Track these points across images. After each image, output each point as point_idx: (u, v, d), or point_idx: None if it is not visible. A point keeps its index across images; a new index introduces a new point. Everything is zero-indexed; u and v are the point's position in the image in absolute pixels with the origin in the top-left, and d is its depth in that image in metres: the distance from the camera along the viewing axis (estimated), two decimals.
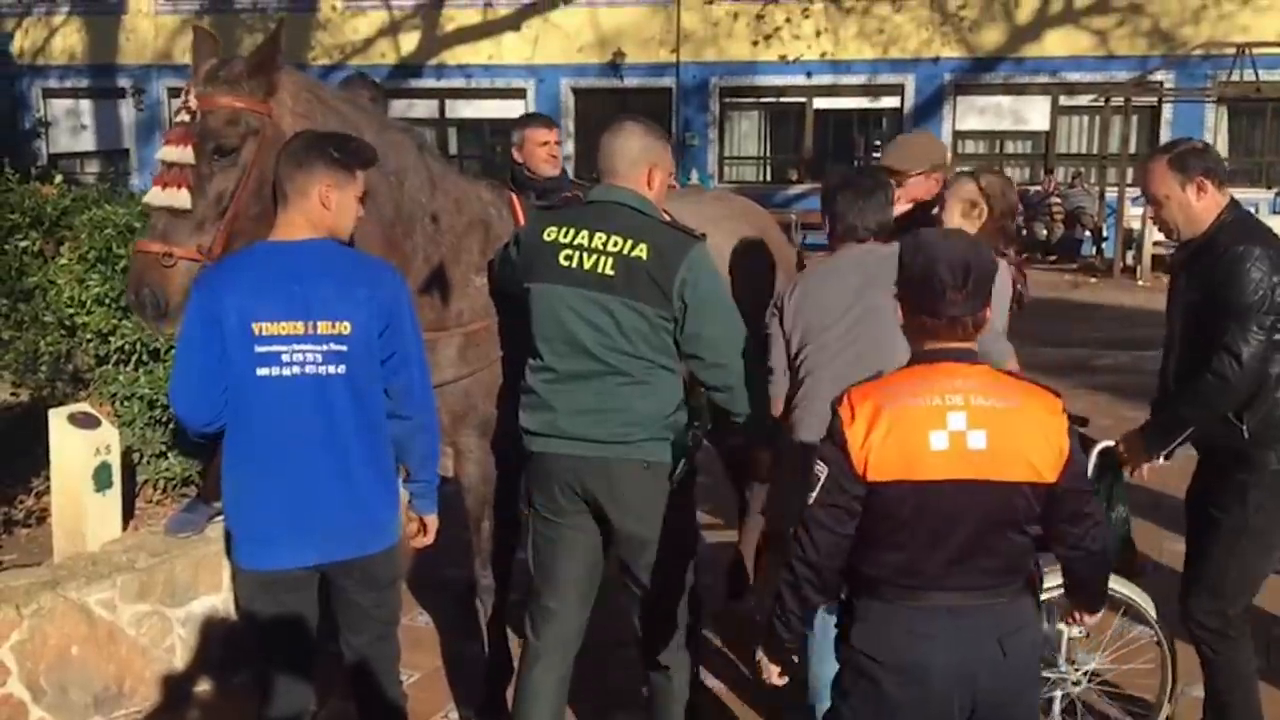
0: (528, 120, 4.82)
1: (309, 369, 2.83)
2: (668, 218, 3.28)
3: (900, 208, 3.92)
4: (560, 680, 3.26)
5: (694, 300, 3.00)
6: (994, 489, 2.31)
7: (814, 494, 2.37)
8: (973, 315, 2.36)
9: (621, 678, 4.15)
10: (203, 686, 4.15)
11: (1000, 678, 2.35)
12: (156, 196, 3.08)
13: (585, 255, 3.02)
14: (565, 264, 3.04)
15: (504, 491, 3.76)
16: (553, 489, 3.14)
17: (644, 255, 2.99)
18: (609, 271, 3.00)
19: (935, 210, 3.93)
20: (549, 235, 3.08)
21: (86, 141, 22.55)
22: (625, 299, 3.00)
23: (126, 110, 21.97)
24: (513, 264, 3.24)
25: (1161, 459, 3.55)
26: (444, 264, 3.56)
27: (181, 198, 3.05)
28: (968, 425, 2.29)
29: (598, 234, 3.03)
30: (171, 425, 4.67)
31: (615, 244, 3.01)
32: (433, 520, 3.19)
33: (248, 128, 3.10)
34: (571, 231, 3.05)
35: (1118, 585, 3.47)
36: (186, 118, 3.09)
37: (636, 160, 3.10)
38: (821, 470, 2.37)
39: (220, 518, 3.73)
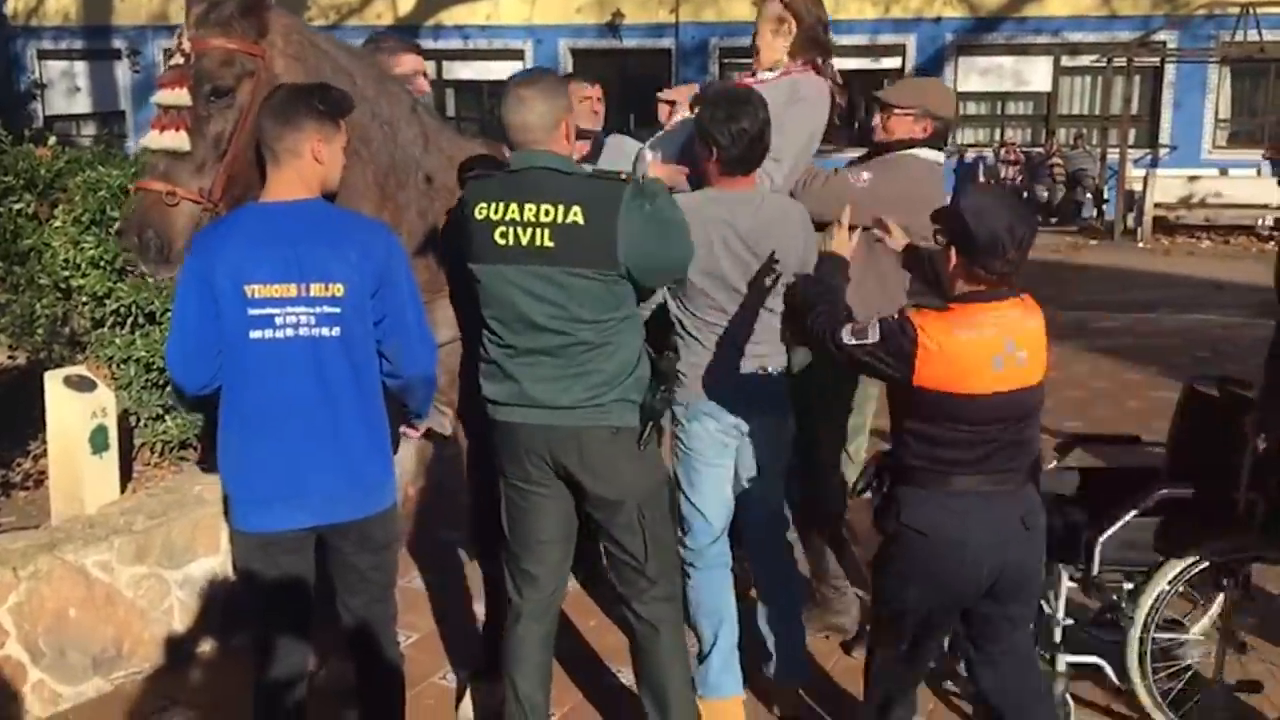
0: (570, 77, 4.79)
1: (302, 331, 2.82)
2: (589, 169, 3.24)
3: (880, 138, 3.93)
4: (545, 637, 3.29)
5: (642, 246, 2.95)
6: (1030, 391, 2.84)
7: (856, 341, 2.82)
8: (1019, 265, 2.82)
9: (616, 638, 4.17)
10: (202, 648, 4.17)
11: (1025, 550, 2.90)
12: (155, 140, 3.07)
13: (520, 230, 2.95)
14: (502, 242, 2.97)
15: (485, 462, 3.71)
16: (522, 458, 3.13)
17: (580, 219, 2.92)
18: (548, 243, 2.94)
19: (751, 37, 3.87)
20: (480, 213, 3.00)
21: (82, 104, 22.39)
22: (569, 268, 2.94)
23: (122, 72, 21.82)
24: (456, 239, 3.16)
25: None
26: (438, 224, 3.54)
27: (181, 140, 3.04)
28: (1017, 347, 2.78)
29: (527, 206, 2.95)
30: (169, 387, 4.67)
31: (548, 213, 2.94)
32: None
33: (242, 69, 3.09)
34: (501, 207, 2.97)
35: None
36: (180, 60, 3.07)
37: (549, 124, 3.02)
38: (875, 339, 2.79)
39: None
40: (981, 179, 19.10)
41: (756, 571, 3.75)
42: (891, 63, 19.63)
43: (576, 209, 2.92)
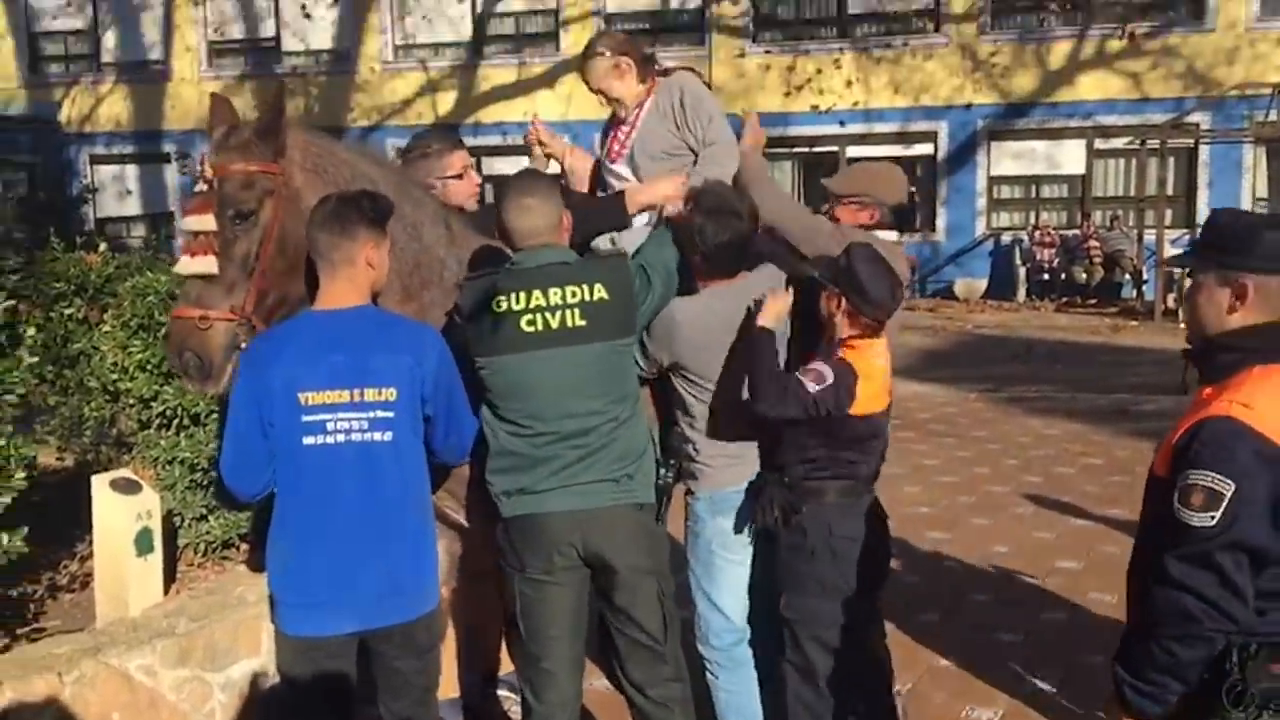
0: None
1: (354, 436, 2.87)
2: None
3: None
4: None
5: (650, 293, 3.24)
6: (889, 411, 3.47)
7: (819, 388, 3.20)
8: None
9: None
10: None
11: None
12: (186, 265, 3.18)
13: (549, 314, 3.06)
14: (530, 330, 3.06)
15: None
16: (546, 547, 3.13)
17: (605, 294, 3.09)
18: (580, 322, 3.06)
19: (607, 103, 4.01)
20: (500, 306, 3.08)
21: (132, 206, 23.02)
22: (600, 342, 3.09)
23: (171, 174, 22.45)
24: (464, 336, 3.20)
25: None
26: None
27: (209, 264, 3.14)
28: (887, 376, 3.42)
29: (552, 291, 3.07)
30: (213, 488, 4.72)
31: (574, 294, 3.07)
32: None
33: (263, 189, 3.19)
34: (524, 296, 3.07)
35: None
36: (204, 187, 3.19)
37: (554, 224, 3.18)
38: (831, 380, 3.22)
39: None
40: (1018, 262, 19.14)
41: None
42: (924, 149, 19.83)
43: (599, 285, 3.08)
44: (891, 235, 3.94)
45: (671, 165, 3.83)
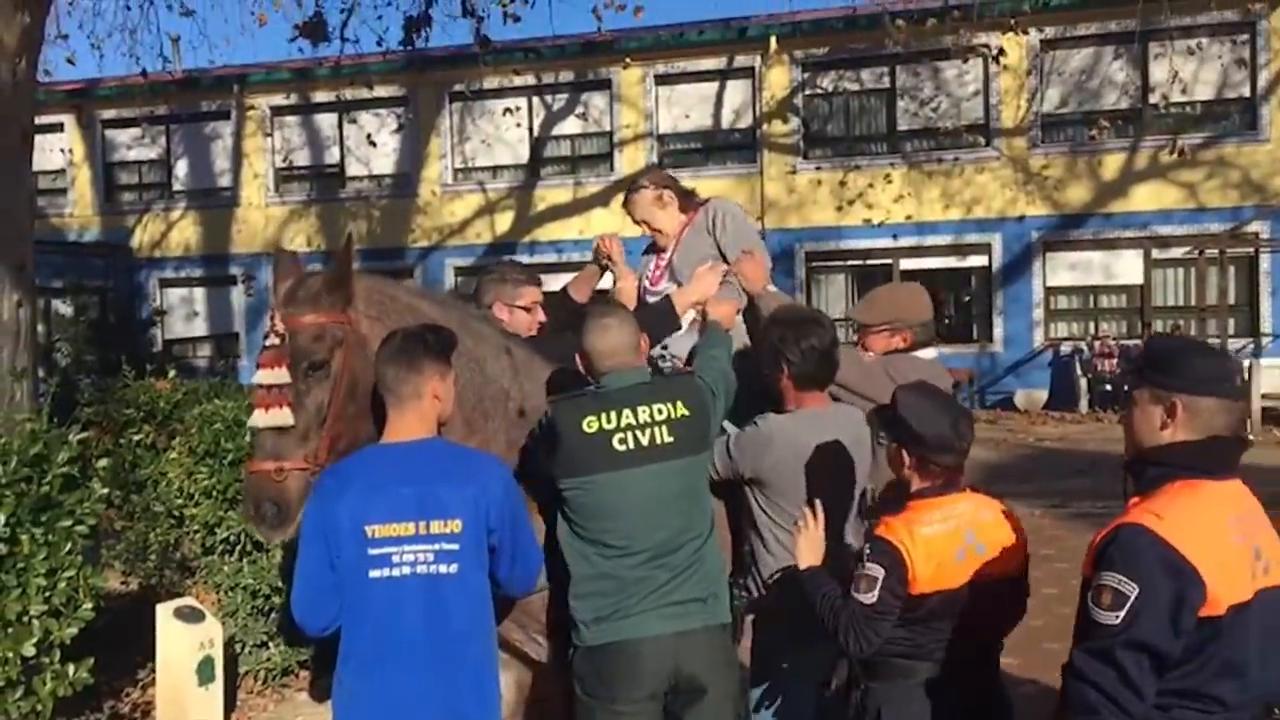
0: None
1: (420, 569, 2.87)
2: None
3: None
4: None
5: (717, 402, 3.31)
6: (999, 582, 2.93)
7: (874, 596, 2.81)
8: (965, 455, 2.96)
9: None
10: None
11: None
12: (260, 419, 3.16)
13: (639, 433, 3.12)
14: (622, 448, 3.10)
15: None
16: (640, 675, 3.07)
17: (687, 410, 3.16)
18: (668, 438, 3.13)
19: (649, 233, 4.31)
20: (590, 426, 3.12)
21: (199, 327, 23.56)
22: (687, 457, 3.15)
23: (237, 296, 23.02)
24: (550, 459, 3.20)
25: None
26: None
27: (284, 416, 3.15)
28: (975, 539, 2.90)
29: (640, 409, 3.14)
30: (274, 615, 4.73)
31: (660, 411, 3.14)
32: None
33: (334, 339, 3.21)
34: (614, 415, 3.12)
35: None
36: (276, 340, 3.20)
37: (633, 344, 3.27)
38: (880, 574, 2.82)
39: None
40: (1079, 373, 18.94)
41: None
42: (978, 260, 19.83)
43: (679, 402, 3.16)
44: (929, 353, 4.00)
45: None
